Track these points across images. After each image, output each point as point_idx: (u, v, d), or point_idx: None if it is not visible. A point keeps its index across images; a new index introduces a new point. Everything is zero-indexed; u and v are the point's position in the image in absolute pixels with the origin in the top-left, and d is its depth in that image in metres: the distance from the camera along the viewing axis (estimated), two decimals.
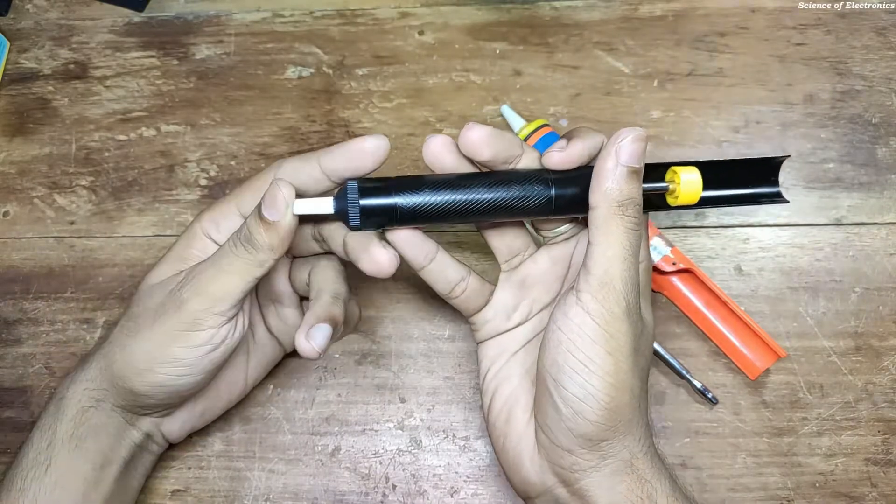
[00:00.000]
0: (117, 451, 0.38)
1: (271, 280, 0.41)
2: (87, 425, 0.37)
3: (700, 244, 0.46)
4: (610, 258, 0.32)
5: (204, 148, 0.50)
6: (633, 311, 0.32)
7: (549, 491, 0.34)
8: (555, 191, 0.34)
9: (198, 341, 0.34)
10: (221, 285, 0.34)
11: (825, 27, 0.50)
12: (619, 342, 0.32)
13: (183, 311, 0.34)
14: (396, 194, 0.33)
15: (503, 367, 0.37)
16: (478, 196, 0.34)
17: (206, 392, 0.40)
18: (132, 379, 0.36)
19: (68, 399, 0.37)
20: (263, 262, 0.34)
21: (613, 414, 0.32)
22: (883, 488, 0.42)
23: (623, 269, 0.32)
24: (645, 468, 0.33)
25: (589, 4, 0.52)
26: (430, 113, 0.50)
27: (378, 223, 0.34)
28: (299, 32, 0.52)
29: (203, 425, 0.41)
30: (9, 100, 0.52)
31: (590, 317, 0.32)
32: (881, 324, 0.44)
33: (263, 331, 0.42)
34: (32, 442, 0.37)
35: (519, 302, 0.38)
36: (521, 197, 0.34)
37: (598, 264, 0.32)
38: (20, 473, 0.36)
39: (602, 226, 0.32)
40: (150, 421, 0.39)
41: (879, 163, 0.47)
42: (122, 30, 0.54)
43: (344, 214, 0.34)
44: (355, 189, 0.33)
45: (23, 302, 0.48)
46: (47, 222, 0.49)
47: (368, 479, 0.43)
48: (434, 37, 0.52)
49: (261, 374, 0.43)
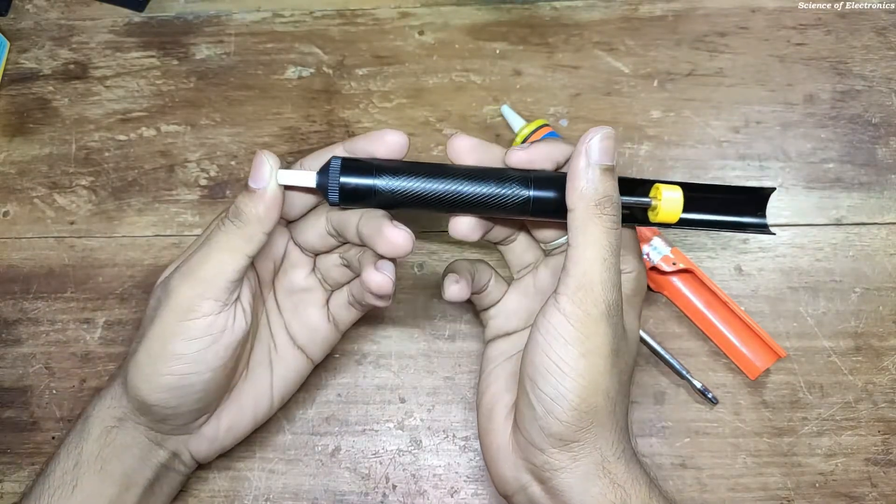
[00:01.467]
0: (142, 473, 0.38)
1: (291, 278, 0.40)
2: (113, 446, 0.37)
3: (700, 244, 0.46)
4: (589, 259, 0.32)
5: (204, 148, 0.50)
6: (614, 313, 0.32)
7: (524, 489, 0.35)
8: (533, 192, 0.34)
9: (195, 332, 0.34)
10: (212, 266, 0.34)
11: (825, 27, 0.50)
12: (596, 343, 0.32)
13: (174, 299, 0.34)
14: (377, 175, 0.34)
15: (497, 367, 0.38)
16: (456, 188, 0.34)
17: (228, 404, 0.39)
18: (142, 388, 0.35)
19: (93, 418, 0.37)
20: (252, 236, 0.34)
21: (584, 415, 0.32)
22: (883, 488, 0.42)
23: (602, 269, 0.32)
24: (619, 472, 0.33)
25: (589, 4, 0.52)
26: (430, 113, 0.50)
27: (357, 202, 0.35)
28: (299, 32, 0.52)
29: (232, 444, 0.40)
30: (9, 100, 0.52)
31: (566, 318, 0.32)
32: (881, 324, 0.44)
33: (286, 340, 0.40)
34: (59, 460, 0.37)
35: (520, 308, 0.39)
36: (498, 195, 0.34)
37: (576, 265, 0.32)
38: (47, 491, 0.36)
39: (580, 226, 0.32)
40: (177, 439, 0.38)
41: (879, 163, 0.47)
42: (122, 30, 0.54)
43: (325, 189, 0.34)
44: (338, 166, 0.34)
45: (23, 302, 0.48)
46: (47, 222, 0.49)
47: (368, 480, 0.43)
48: (434, 37, 0.52)
49: (289, 389, 0.41)
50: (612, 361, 0.32)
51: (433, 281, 0.46)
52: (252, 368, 0.39)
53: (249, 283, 0.37)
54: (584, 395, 0.32)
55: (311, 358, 0.41)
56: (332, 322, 0.41)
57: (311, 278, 0.41)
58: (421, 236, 0.47)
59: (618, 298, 0.32)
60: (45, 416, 0.45)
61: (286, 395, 0.41)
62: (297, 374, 0.41)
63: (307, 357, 0.41)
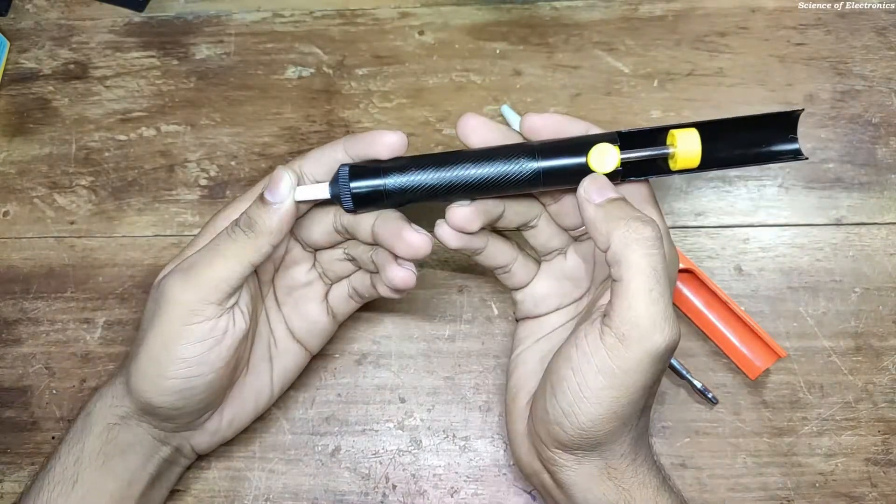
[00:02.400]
0: (145, 469, 0.38)
1: (292, 275, 0.41)
2: (115, 443, 0.37)
3: (700, 244, 0.46)
4: (633, 291, 0.30)
5: (204, 148, 0.50)
6: (660, 351, 0.31)
7: (536, 474, 0.36)
8: (541, 163, 0.34)
9: (198, 335, 0.34)
10: (217, 272, 0.34)
11: (825, 27, 0.50)
12: (629, 381, 0.31)
13: (177, 302, 0.34)
14: (385, 175, 0.35)
15: (525, 351, 0.39)
16: (464, 172, 0.34)
17: (230, 399, 0.39)
18: (147, 391, 0.35)
19: (95, 415, 0.37)
20: (261, 247, 0.34)
21: (592, 436, 0.32)
22: (883, 488, 0.42)
23: (648, 302, 0.30)
24: (625, 477, 0.33)
25: (589, 4, 0.52)
26: (430, 113, 0.50)
27: (370, 205, 0.35)
28: (299, 32, 0.52)
29: (233, 435, 0.41)
30: (9, 100, 0.52)
31: (605, 350, 0.31)
32: (881, 324, 0.44)
33: (285, 334, 0.41)
34: (59, 456, 0.37)
35: (550, 293, 0.39)
36: (508, 171, 0.34)
37: (621, 298, 0.30)
38: (47, 487, 0.36)
39: (619, 261, 0.31)
40: (180, 435, 0.39)
41: (879, 163, 0.47)
42: (122, 30, 0.54)
43: (339, 199, 0.35)
44: (346, 173, 0.35)
45: (23, 302, 0.48)
46: (47, 222, 0.49)
47: (368, 479, 0.43)
48: (434, 37, 0.52)
49: (287, 381, 0.42)
50: (641, 396, 0.31)
51: (433, 281, 0.46)
52: (253, 364, 0.40)
53: (248, 284, 0.37)
54: (596, 422, 0.31)
55: (309, 349, 0.42)
56: (331, 314, 0.41)
57: (311, 273, 0.41)
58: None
59: (671, 333, 0.30)
60: (45, 416, 0.45)
61: (285, 385, 0.42)
62: (295, 365, 0.42)
63: (305, 349, 0.42)
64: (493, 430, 0.44)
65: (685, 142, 0.33)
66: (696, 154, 0.33)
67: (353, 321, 0.46)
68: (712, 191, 0.47)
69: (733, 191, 0.47)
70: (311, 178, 0.37)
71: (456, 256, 0.47)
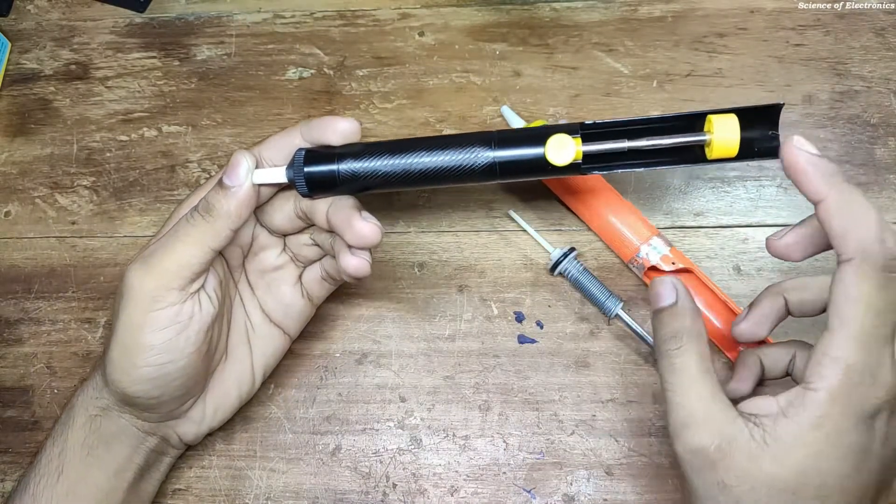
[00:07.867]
0: (132, 459, 0.38)
1: (262, 259, 0.41)
2: (98, 434, 0.37)
3: (699, 244, 0.46)
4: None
5: (205, 148, 0.50)
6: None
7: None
8: (497, 153, 0.33)
9: (162, 322, 0.34)
10: (178, 258, 0.34)
11: (824, 28, 0.50)
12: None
13: (139, 291, 0.34)
14: (339, 161, 0.35)
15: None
16: (418, 160, 0.34)
17: (213, 387, 0.40)
18: (121, 381, 0.35)
19: (77, 408, 0.38)
20: (220, 231, 0.34)
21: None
22: None
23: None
24: None
25: (588, 5, 0.52)
26: (430, 114, 0.50)
27: (326, 190, 0.35)
28: (300, 33, 0.53)
29: (220, 424, 0.41)
30: (10, 100, 0.53)
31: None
32: None
33: (262, 318, 0.41)
34: (45, 449, 0.37)
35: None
36: (462, 160, 0.33)
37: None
38: (33, 480, 0.36)
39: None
40: (165, 425, 0.39)
41: (878, 163, 0.47)
42: (123, 31, 0.54)
43: (294, 183, 0.35)
44: (301, 157, 0.35)
45: (24, 301, 0.48)
46: (49, 222, 0.50)
47: (369, 478, 0.43)
48: (434, 38, 0.52)
49: (269, 366, 0.42)
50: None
51: (433, 281, 0.47)
52: (231, 350, 0.40)
53: (215, 269, 0.37)
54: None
55: (287, 333, 0.42)
56: (307, 297, 0.41)
57: (282, 257, 0.41)
58: (421, 236, 0.47)
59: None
60: (47, 416, 0.45)
61: (267, 371, 0.42)
62: (275, 350, 0.42)
63: (284, 333, 0.42)
64: (493, 430, 0.44)
65: (723, 127, 0.31)
66: (735, 143, 0.31)
67: (353, 321, 0.46)
68: (711, 191, 0.47)
69: (732, 191, 0.47)
70: (270, 163, 0.37)
71: (456, 256, 0.47)
